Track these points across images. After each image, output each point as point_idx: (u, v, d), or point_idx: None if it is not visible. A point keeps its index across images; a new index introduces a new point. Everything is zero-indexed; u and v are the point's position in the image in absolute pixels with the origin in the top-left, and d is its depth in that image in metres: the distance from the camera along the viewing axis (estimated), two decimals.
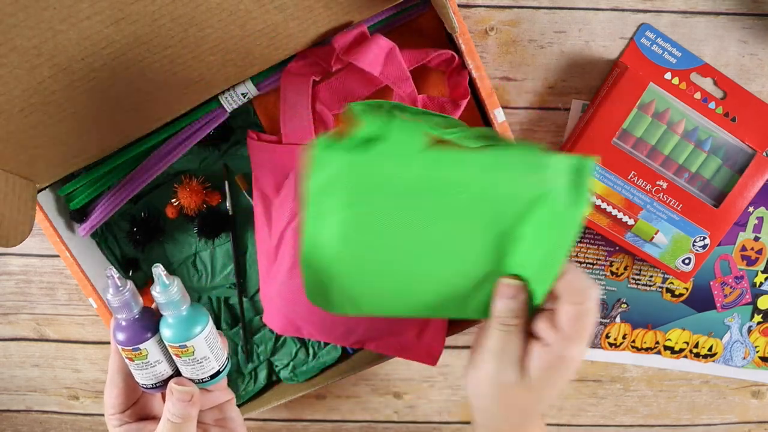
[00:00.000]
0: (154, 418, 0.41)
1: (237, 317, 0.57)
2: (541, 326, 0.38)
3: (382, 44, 0.44)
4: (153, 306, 0.39)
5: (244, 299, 0.56)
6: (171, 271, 0.55)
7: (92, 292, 0.50)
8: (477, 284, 0.40)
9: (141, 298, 0.38)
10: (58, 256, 0.60)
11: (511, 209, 0.37)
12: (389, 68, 0.45)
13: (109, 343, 0.63)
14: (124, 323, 0.37)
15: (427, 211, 0.37)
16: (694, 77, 0.53)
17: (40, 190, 0.48)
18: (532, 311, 0.39)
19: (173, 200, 0.53)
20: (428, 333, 0.50)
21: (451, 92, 0.48)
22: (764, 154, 0.54)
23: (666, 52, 0.53)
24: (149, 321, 0.38)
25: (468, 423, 0.66)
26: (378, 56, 0.44)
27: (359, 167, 0.36)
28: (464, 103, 0.46)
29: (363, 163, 0.36)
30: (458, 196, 0.37)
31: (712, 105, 0.53)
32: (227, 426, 0.43)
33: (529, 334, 0.38)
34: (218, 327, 0.57)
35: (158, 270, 0.36)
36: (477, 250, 0.39)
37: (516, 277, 0.39)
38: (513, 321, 0.38)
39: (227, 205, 0.54)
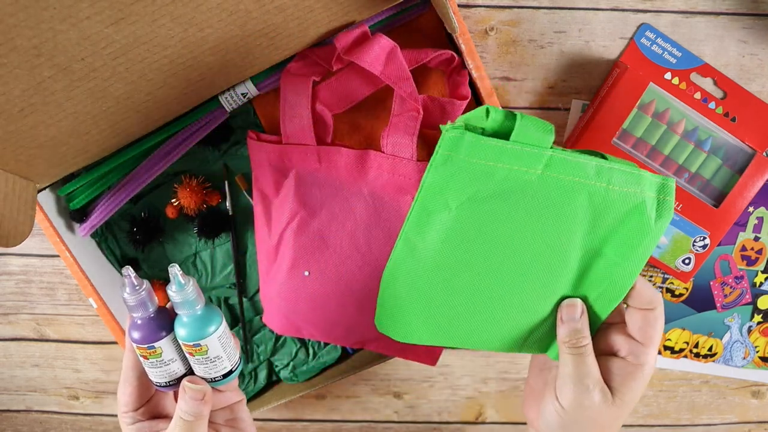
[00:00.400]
0: (167, 417, 0.42)
1: (237, 317, 0.57)
2: (614, 338, 0.39)
3: (384, 44, 0.44)
4: (167, 305, 0.39)
5: (244, 299, 0.56)
6: None
7: (92, 292, 0.50)
8: (551, 312, 0.41)
9: (156, 297, 0.38)
10: (58, 256, 0.60)
11: (609, 218, 0.38)
12: (390, 68, 0.44)
13: (109, 342, 0.63)
14: (139, 321, 0.38)
15: (532, 219, 0.38)
16: (694, 77, 0.53)
17: (40, 190, 0.48)
18: (594, 331, 0.41)
19: (173, 200, 0.53)
20: None
21: (451, 92, 0.48)
22: (764, 154, 0.54)
23: (666, 52, 0.53)
24: (164, 320, 0.38)
25: (468, 423, 0.66)
26: (379, 56, 0.44)
27: (489, 155, 0.37)
28: (465, 103, 0.46)
29: (494, 151, 0.36)
30: (568, 202, 0.38)
31: (712, 105, 0.53)
32: (238, 426, 0.44)
33: (597, 354, 0.39)
34: None
35: (174, 270, 0.37)
36: (564, 269, 0.39)
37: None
38: (584, 341, 0.38)
39: (227, 205, 0.54)
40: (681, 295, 0.59)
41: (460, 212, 0.38)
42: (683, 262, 0.55)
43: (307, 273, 0.49)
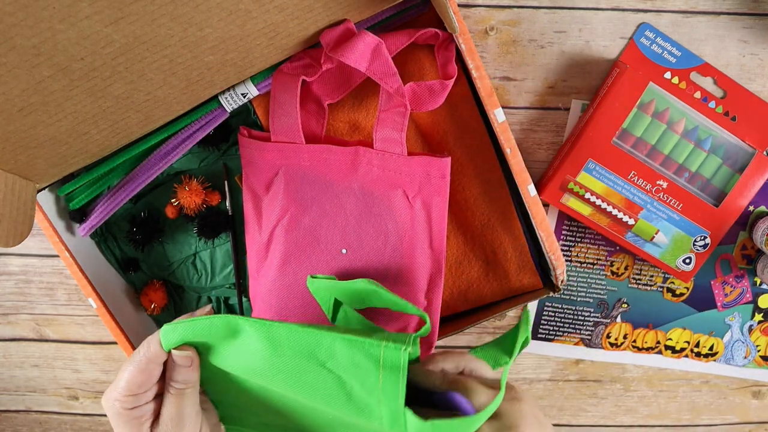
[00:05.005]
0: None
1: None
2: None
3: (368, 40, 0.44)
4: None
5: (244, 299, 0.56)
6: (171, 271, 0.55)
7: (92, 292, 0.50)
8: None
9: None
10: (57, 256, 0.60)
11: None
12: (375, 64, 0.44)
13: (108, 343, 0.63)
14: None
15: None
16: (694, 76, 0.53)
17: (39, 190, 0.48)
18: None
19: (173, 200, 0.53)
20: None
21: (441, 69, 0.49)
22: (764, 153, 0.54)
23: (666, 52, 0.53)
24: None
25: None
26: (364, 53, 0.44)
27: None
28: (451, 83, 0.47)
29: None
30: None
31: (712, 104, 0.53)
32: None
33: None
34: None
35: None
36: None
37: None
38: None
39: (227, 205, 0.54)
40: (682, 294, 0.59)
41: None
42: (684, 261, 0.55)
43: (299, 270, 0.49)
